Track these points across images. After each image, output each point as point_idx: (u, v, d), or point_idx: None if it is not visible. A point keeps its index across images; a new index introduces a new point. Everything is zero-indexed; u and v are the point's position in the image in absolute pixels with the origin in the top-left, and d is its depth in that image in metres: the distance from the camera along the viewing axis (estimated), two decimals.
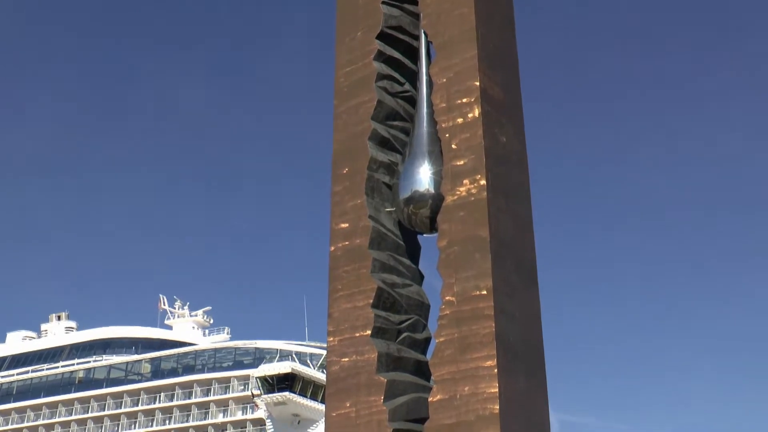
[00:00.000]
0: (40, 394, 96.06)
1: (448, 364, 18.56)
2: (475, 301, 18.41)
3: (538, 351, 20.04)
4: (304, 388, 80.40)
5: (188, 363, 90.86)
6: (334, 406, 19.85)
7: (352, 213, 20.51)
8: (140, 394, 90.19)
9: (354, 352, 19.79)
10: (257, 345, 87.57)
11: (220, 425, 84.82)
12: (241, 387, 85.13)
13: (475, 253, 18.73)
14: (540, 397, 19.66)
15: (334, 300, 20.28)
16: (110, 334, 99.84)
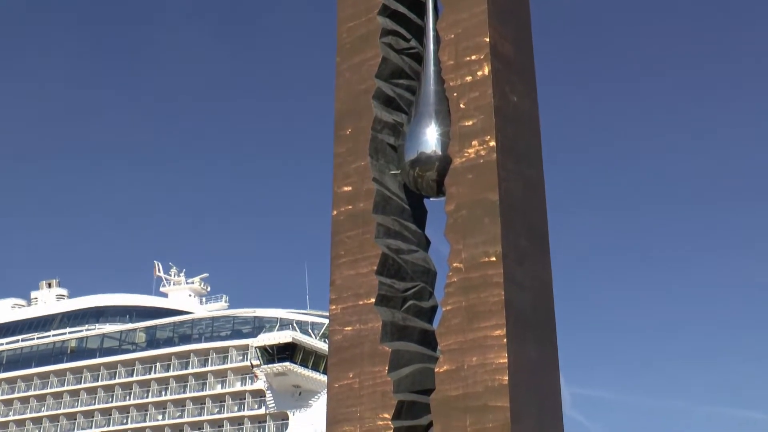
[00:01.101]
0: (30, 364, 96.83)
1: (455, 334, 18.67)
2: (483, 267, 18.47)
3: (549, 320, 20.14)
4: (306, 358, 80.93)
5: (185, 332, 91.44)
6: (337, 377, 20.01)
7: (355, 176, 20.52)
8: (135, 364, 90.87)
9: (357, 321, 19.91)
10: (256, 313, 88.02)
11: (218, 396, 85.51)
12: (239, 357, 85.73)
13: (484, 217, 18.77)
14: (551, 368, 19.79)
15: (337, 266, 20.36)
16: (103, 302, 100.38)
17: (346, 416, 19.28)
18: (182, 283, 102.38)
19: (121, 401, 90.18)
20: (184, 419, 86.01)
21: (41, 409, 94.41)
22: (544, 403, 18.97)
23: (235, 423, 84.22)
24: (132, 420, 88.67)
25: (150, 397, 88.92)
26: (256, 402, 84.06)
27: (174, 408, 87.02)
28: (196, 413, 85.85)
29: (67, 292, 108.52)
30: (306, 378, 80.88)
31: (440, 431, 17.96)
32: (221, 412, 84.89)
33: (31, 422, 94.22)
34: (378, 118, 20.81)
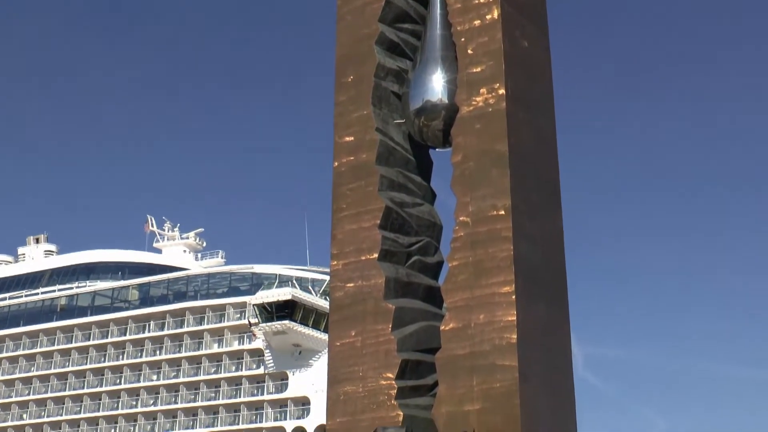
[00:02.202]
0: (19, 323, 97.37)
1: (461, 290, 18.84)
2: (491, 221, 18.57)
3: (560, 277, 20.27)
4: (306, 316, 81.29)
5: (179, 289, 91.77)
6: (338, 335, 20.22)
7: (357, 125, 20.53)
8: (128, 322, 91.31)
9: (359, 277, 20.07)
10: (254, 270, 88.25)
11: (214, 356, 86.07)
12: (237, 315, 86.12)
13: (493, 169, 18.81)
14: (561, 326, 19.97)
15: (338, 220, 20.47)
16: (94, 258, 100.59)
17: (347, 376, 19.53)
18: (176, 238, 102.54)
19: (113, 361, 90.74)
20: (180, 379, 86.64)
21: (31, 369, 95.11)
22: (554, 363, 19.16)
23: (232, 383, 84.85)
24: (125, 380, 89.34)
25: (144, 356, 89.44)
26: (254, 362, 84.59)
27: (169, 368, 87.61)
28: (191, 373, 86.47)
29: (55, 248, 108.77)
30: (306, 337, 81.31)
31: (446, 391, 18.20)
32: (218, 372, 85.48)
33: (21, 382, 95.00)
34: (381, 65, 20.74)
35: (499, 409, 17.21)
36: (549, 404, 18.35)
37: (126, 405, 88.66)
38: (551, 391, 18.60)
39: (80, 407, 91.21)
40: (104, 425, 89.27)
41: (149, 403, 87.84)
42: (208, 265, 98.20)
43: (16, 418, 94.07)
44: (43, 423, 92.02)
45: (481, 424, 16.81)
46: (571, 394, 19.48)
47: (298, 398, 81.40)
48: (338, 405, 19.07)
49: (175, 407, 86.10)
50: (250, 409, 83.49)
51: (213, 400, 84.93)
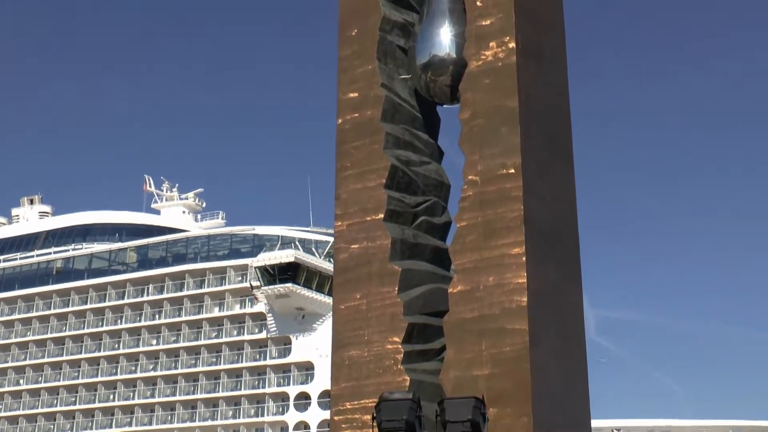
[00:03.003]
0: (14, 286, 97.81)
1: (470, 252, 18.85)
2: (501, 180, 18.54)
3: (571, 238, 20.26)
4: (309, 278, 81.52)
5: (179, 251, 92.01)
6: (343, 298, 20.28)
7: (362, 81, 20.43)
8: (126, 285, 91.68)
9: (364, 238, 20.08)
10: (256, 231, 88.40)
11: (215, 320, 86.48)
12: (238, 278, 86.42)
13: (502, 126, 18.74)
14: (573, 289, 20.00)
15: (342, 180, 20.45)
16: (90, 220, 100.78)
17: (352, 340, 19.60)
18: (175, 198, 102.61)
19: (112, 325, 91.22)
20: (180, 344, 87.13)
21: (27, 333, 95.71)
22: (566, 327, 19.21)
23: (234, 348, 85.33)
24: (124, 345, 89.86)
25: (143, 320, 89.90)
26: (256, 326, 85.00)
27: (168, 332, 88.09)
28: (192, 338, 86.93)
29: (50, 209, 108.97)
30: (309, 300, 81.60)
31: (454, 355, 18.27)
32: (219, 336, 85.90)
33: (17, 347, 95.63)
34: (387, 18, 20.61)
35: (508, 373, 17.28)
36: (560, 369, 18.42)
37: (125, 370, 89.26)
38: (562, 356, 18.66)
39: (78, 372, 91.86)
40: (102, 391, 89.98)
41: (148, 368, 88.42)
42: (208, 227, 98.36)
43: (12, 384, 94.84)
44: (41, 389, 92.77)
45: (490, 390, 16.89)
46: (583, 358, 19.55)
47: (302, 363, 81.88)
48: (343, 370, 19.16)
49: (175, 372, 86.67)
50: (253, 375, 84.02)
51: (214, 365, 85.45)
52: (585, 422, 19.17)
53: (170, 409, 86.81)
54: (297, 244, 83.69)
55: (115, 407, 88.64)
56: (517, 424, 16.94)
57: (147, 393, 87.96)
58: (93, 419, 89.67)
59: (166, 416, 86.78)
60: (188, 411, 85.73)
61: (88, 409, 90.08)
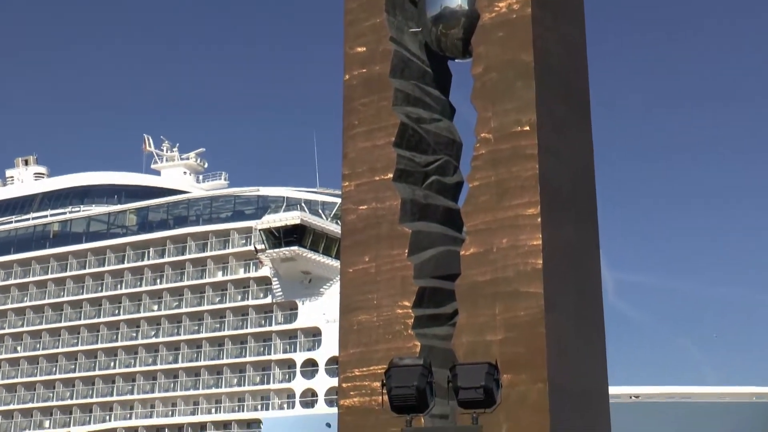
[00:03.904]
0: (9, 250, 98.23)
1: (483, 212, 18.87)
2: (515, 138, 18.51)
3: (589, 197, 20.26)
4: (315, 241, 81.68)
5: (180, 213, 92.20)
6: (351, 262, 20.35)
7: (369, 34, 20.35)
8: (125, 249, 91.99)
9: (373, 199, 20.11)
10: (260, 192, 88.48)
11: (219, 284, 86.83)
12: (242, 241, 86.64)
13: (517, 81, 18.68)
14: (590, 251, 20.03)
15: (350, 138, 20.44)
16: (88, 181, 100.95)
17: (361, 304, 19.69)
18: (176, 159, 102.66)
19: (111, 290, 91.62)
20: (182, 309, 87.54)
21: (23, 299, 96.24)
22: (583, 290, 19.26)
23: (238, 313, 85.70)
24: (124, 311, 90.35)
25: (143, 285, 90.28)
26: (261, 290, 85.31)
27: (170, 298, 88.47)
28: (195, 303, 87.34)
29: (46, 171, 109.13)
30: (316, 263, 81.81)
31: (466, 320, 18.35)
32: (223, 301, 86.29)
33: (14, 313, 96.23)
34: None
35: (523, 339, 17.36)
36: (577, 334, 18.49)
37: (125, 337, 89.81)
38: (579, 320, 18.74)
39: (77, 339, 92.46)
40: (103, 357, 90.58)
41: (150, 334, 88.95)
42: (211, 188, 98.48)
43: (9, 351, 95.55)
44: (39, 355, 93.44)
45: (504, 355, 16.97)
46: (601, 323, 19.62)
47: (309, 329, 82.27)
48: (351, 335, 19.27)
49: (178, 339, 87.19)
50: (258, 341, 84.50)
51: (218, 331, 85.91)
52: (602, 389, 19.28)
53: (173, 377, 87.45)
54: (303, 205, 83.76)
55: (116, 375, 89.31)
56: (532, 390, 17.04)
57: (149, 360, 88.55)
58: (93, 387, 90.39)
59: (168, 384, 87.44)
60: (191, 378, 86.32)
61: (88, 377, 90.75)
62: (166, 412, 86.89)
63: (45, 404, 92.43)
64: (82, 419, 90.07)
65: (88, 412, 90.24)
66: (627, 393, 77.75)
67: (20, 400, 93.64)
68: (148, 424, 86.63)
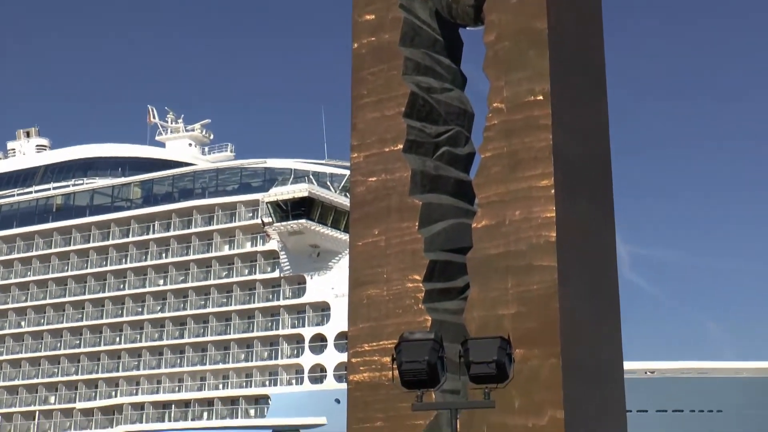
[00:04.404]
0: (12, 224, 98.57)
1: (495, 184, 18.87)
2: (528, 108, 18.47)
3: (603, 169, 20.24)
4: (324, 214, 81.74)
5: (185, 186, 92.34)
6: (360, 234, 20.38)
7: (379, 2, 20.31)
8: (130, 223, 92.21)
9: (383, 171, 20.11)
10: (267, 164, 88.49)
11: (225, 258, 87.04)
12: (249, 214, 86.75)
13: (530, 49, 18.62)
14: (605, 224, 20.02)
15: (359, 108, 20.42)
16: (91, 154, 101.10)
17: (371, 278, 19.75)
18: (181, 130, 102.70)
19: (116, 264, 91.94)
20: (188, 284, 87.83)
21: (27, 273, 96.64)
22: (597, 264, 19.28)
23: (245, 287, 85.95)
24: (129, 285, 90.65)
25: (149, 259, 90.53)
26: (268, 264, 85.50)
27: (176, 272, 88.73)
28: (201, 277, 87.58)
29: (48, 143, 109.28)
30: (325, 237, 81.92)
31: (478, 294, 18.39)
32: (230, 275, 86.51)
33: (17, 287, 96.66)
34: None
35: (535, 313, 17.41)
36: (590, 308, 18.53)
37: (131, 312, 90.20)
38: (593, 294, 18.76)
39: (82, 314, 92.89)
40: (108, 333, 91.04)
41: (156, 309, 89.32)
42: (216, 160, 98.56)
43: (13, 326, 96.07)
44: (43, 330, 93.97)
45: (517, 330, 17.02)
46: (615, 297, 19.64)
47: (317, 303, 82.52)
48: (361, 310, 19.34)
49: (184, 314, 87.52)
50: (265, 316, 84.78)
51: (225, 306, 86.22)
52: (617, 364, 19.33)
53: (179, 352, 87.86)
54: (311, 177, 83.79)
55: (122, 350, 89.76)
56: (545, 365, 17.10)
57: (155, 335, 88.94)
58: (98, 362, 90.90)
59: (175, 359, 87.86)
60: (198, 354, 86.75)
61: (93, 352, 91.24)
62: (173, 387, 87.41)
63: (50, 380, 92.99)
64: (87, 395, 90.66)
65: (93, 388, 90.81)
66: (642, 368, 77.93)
67: (25, 375, 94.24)
68: (155, 400, 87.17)
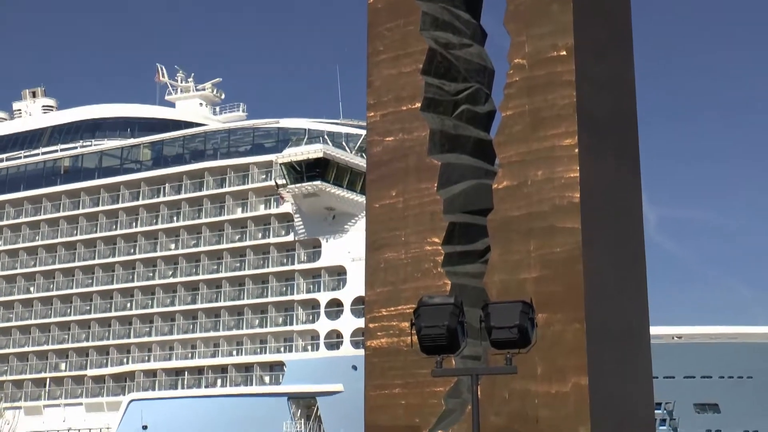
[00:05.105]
0: (19, 187, 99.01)
1: (516, 143, 18.80)
2: (551, 63, 18.36)
3: (630, 128, 20.13)
4: (339, 175, 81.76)
5: (196, 147, 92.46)
6: (377, 196, 20.37)
7: None
8: (140, 185, 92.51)
9: (400, 130, 20.06)
10: (280, 124, 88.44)
11: (238, 222, 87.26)
12: (262, 176, 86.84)
13: (552, 2, 18.49)
14: (631, 184, 19.94)
15: (375, 65, 20.35)
16: (99, 114, 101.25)
17: (388, 241, 19.75)
18: (191, 90, 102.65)
19: (126, 228, 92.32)
20: (200, 248, 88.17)
21: (35, 237, 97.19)
22: (623, 225, 19.22)
23: (259, 251, 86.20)
24: (140, 249, 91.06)
25: (159, 223, 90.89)
26: (282, 228, 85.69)
27: (188, 235, 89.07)
28: (213, 241, 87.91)
29: (55, 103, 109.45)
30: (340, 199, 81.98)
31: (499, 257, 18.38)
32: (243, 239, 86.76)
33: (25, 252, 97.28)
34: None
35: (559, 276, 17.39)
36: (616, 272, 18.50)
37: (142, 277, 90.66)
38: (618, 257, 18.73)
39: (92, 279, 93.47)
40: (119, 298, 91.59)
41: (167, 274, 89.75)
42: (228, 120, 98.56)
43: (22, 291, 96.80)
44: (52, 296, 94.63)
45: (539, 294, 17.01)
46: (642, 260, 19.60)
47: (333, 267, 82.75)
48: (378, 274, 19.36)
49: (197, 279, 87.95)
50: (280, 280, 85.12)
51: (238, 270, 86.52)
52: (643, 329, 19.32)
53: (192, 318, 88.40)
54: (326, 137, 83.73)
55: (133, 316, 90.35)
56: (569, 330, 17.11)
57: (166, 301, 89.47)
58: (109, 329, 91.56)
59: (187, 325, 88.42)
60: (211, 320, 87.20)
61: (104, 318, 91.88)
62: (186, 354, 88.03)
63: (60, 346, 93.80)
64: (98, 362, 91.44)
65: (104, 355, 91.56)
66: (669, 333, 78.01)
67: (35, 342, 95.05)
68: (167, 366, 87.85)
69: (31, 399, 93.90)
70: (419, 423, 18.39)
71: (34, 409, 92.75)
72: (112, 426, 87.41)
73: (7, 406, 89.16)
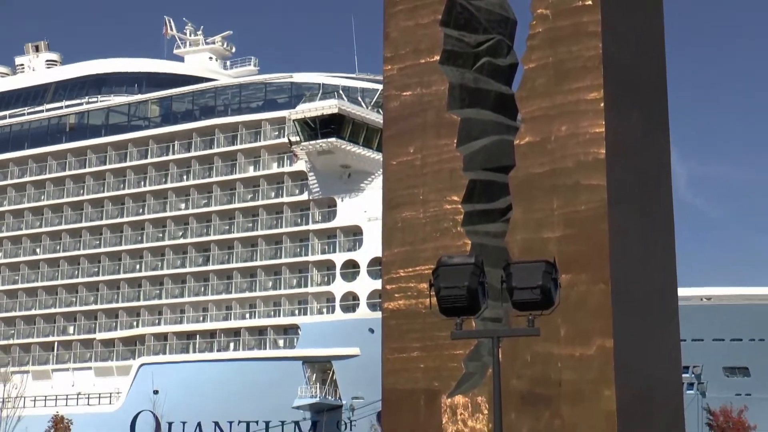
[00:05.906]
0: (23, 145, 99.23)
1: (539, 98, 18.75)
2: (576, 13, 18.27)
3: (658, 81, 20.04)
4: (355, 132, 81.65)
5: (207, 103, 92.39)
6: (394, 153, 20.37)
7: None
8: (148, 143, 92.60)
9: (418, 84, 20.02)
10: (293, 79, 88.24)
11: (250, 180, 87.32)
12: (275, 133, 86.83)
13: None
14: (659, 140, 19.88)
15: (391, 16, 20.28)
16: (105, 69, 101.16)
17: (406, 199, 19.78)
18: (200, 43, 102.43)
19: (134, 187, 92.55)
20: (212, 207, 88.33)
21: (41, 197, 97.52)
22: (650, 183, 19.19)
23: (272, 211, 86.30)
24: (149, 209, 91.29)
25: (169, 182, 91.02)
26: (296, 186, 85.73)
27: (198, 195, 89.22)
28: (224, 200, 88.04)
29: (59, 58, 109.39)
30: (356, 156, 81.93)
31: (521, 215, 18.39)
32: (255, 198, 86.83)
33: (30, 212, 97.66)
34: None
35: (583, 235, 17.39)
36: (643, 231, 18.49)
37: (151, 237, 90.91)
38: (645, 216, 18.71)
39: (100, 240, 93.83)
40: (128, 260, 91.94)
41: (177, 234, 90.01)
42: (239, 75, 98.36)
43: (29, 253, 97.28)
44: (59, 258, 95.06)
45: (563, 254, 17.02)
46: (670, 219, 19.58)
47: (349, 227, 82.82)
48: (396, 233, 19.40)
49: (208, 239, 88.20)
50: (294, 241, 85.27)
51: (250, 230, 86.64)
52: (670, 290, 19.33)
53: (203, 280, 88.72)
54: (341, 92, 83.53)
55: (142, 278, 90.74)
56: (594, 291, 17.14)
57: (177, 263, 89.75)
58: (118, 291, 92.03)
59: (198, 288, 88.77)
60: (223, 282, 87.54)
61: (113, 281, 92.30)
62: (197, 317, 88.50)
63: (68, 309, 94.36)
64: (107, 325, 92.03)
65: (113, 318, 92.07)
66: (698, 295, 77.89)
67: (42, 305, 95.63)
68: (178, 330, 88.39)
69: (39, 363, 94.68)
70: (438, 387, 18.49)
71: (42, 374, 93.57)
72: (123, 390, 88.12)
73: (15, 370, 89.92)
